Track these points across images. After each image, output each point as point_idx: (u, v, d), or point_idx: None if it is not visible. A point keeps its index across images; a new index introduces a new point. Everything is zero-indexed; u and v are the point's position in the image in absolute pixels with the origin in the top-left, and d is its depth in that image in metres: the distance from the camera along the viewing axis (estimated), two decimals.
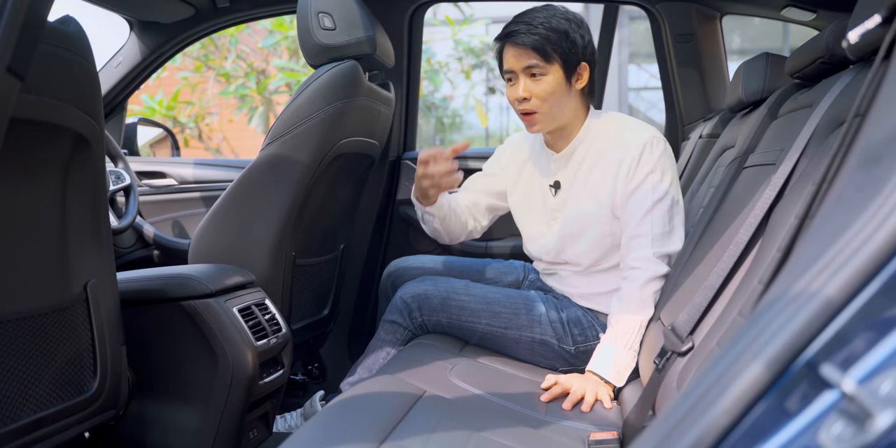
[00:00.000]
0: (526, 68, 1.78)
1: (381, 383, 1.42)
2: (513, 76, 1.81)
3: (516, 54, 1.78)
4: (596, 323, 1.85)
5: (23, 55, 0.83)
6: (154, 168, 2.77)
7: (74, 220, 1.33)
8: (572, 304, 1.88)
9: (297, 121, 1.84)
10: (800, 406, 0.58)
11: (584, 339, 1.83)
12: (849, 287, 0.59)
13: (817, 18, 2.14)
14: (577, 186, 1.85)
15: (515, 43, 1.77)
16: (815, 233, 0.76)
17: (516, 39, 1.77)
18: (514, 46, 1.78)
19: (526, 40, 1.76)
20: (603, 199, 1.80)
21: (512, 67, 1.80)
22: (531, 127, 1.84)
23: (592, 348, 1.80)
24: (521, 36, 1.76)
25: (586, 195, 1.83)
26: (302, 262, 2.01)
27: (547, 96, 1.78)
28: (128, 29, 2.62)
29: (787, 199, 1.22)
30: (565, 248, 1.87)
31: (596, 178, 1.82)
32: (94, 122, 1.28)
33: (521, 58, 1.78)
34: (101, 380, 1.39)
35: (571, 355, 1.83)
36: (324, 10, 1.91)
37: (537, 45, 1.75)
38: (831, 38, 1.33)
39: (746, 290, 1.17)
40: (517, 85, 1.80)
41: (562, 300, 1.90)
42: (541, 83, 1.78)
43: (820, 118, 1.23)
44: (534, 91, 1.78)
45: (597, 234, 1.82)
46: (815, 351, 0.60)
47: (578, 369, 1.83)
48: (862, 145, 0.78)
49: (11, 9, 0.78)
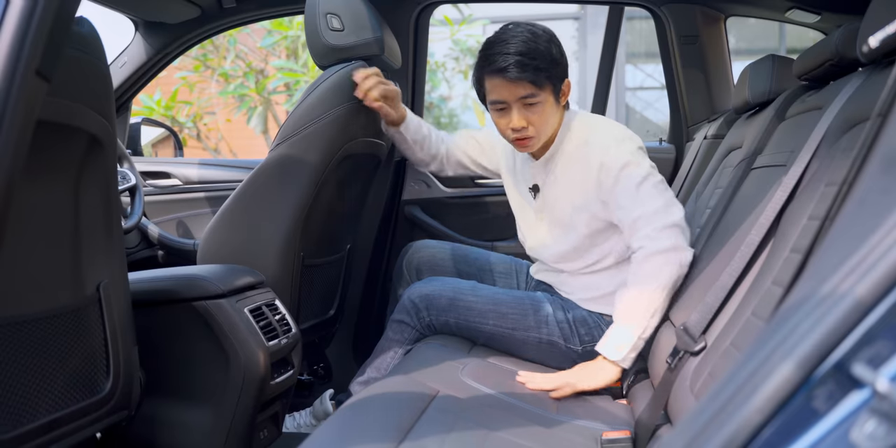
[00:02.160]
0: (521, 99, 1.75)
1: (394, 383, 1.43)
2: (505, 106, 1.78)
3: (509, 86, 1.74)
4: (602, 322, 1.86)
5: (50, 58, 0.84)
6: (158, 168, 2.78)
7: (87, 221, 1.33)
8: (577, 305, 1.90)
9: (306, 122, 1.84)
10: (830, 404, 0.59)
11: (590, 338, 1.84)
12: (879, 288, 0.60)
13: (821, 20, 2.15)
14: (555, 190, 1.87)
15: (508, 78, 1.73)
16: (839, 235, 0.77)
17: (509, 74, 1.72)
18: (506, 80, 1.74)
19: (518, 74, 1.72)
20: (578, 201, 1.81)
21: (505, 99, 1.76)
22: (525, 149, 1.85)
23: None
24: (514, 70, 1.72)
25: (563, 198, 1.86)
26: (310, 263, 2.01)
27: (542, 122, 1.78)
28: (133, 29, 2.62)
29: (798, 200, 1.23)
30: (555, 245, 1.90)
31: (570, 181, 1.83)
32: (107, 123, 1.29)
33: (514, 89, 1.74)
34: (114, 380, 1.39)
35: (578, 355, 1.84)
36: (332, 11, 1.92)
37: (531, 77, 1.72)
38: (840, 41, 1.35)
39: (759, 291, 1.18)
40: (510, 114, 1.78)
41: (567, 301, 1.91)
42: (535, 109, 1.76)
43: (831, 120, 1.24)
44: (530, 119, 1.77)
45: (576, 234, 1.84)
46: (845, 351, 0.61)
47: None
48: (884, 148, 0.79)
49: (41, 13, 0.79)
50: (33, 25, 0.78)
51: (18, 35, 0.76)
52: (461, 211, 2.63)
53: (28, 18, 0.78)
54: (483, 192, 2.62)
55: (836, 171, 1.09)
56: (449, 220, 2.63)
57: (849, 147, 1.11)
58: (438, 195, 2.63)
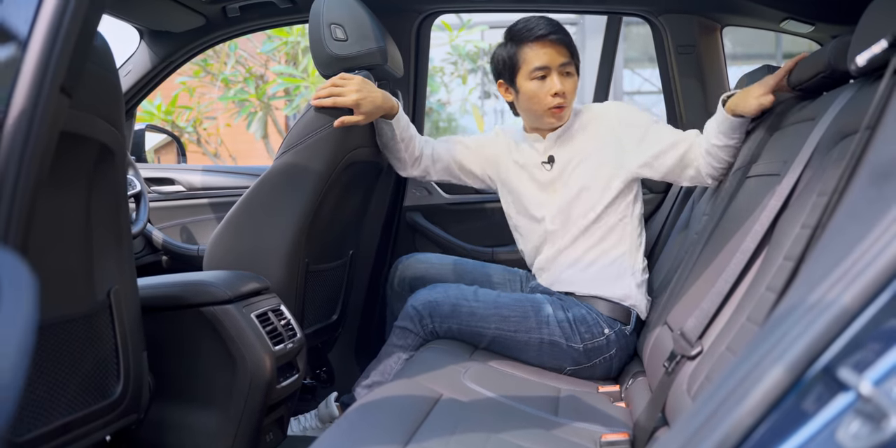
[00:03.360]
0: (561, 65, 1.96)
1: (399, 387, 1.46)
2: (546, 72, 1.96)
3: (553, 52, 1.95)
4: (601, 319, 1.90)
5: (73, 74, 0.88)
6: (162, 175, 2.81)
7: (98, 228, 1.37)
8: (576, 304, 1.94)
9: (311, 130, 1.88)
10: (818, 407, 0.63)
11: (590, 336, 1.88)
12: (864, 296, 0.64)
13: (815, 31, 2.19)
14: (575, 155, 2.03)
15: (554, 41, 1.94)
16: (828, 244, 0.80)
17: (554, 38, 1.94)
18: (553, 44, 1.95)
19: (562, 38, 1.95)
20: (599, 160, 2.00)
21: (548, 64, 1.95)
22: (559, 120, 2.03)
23: (599, 345, 1.88)
24: (557, 35, 1.94)
25: (586, 158, 2.01)
26: (314, 269, 2.05)
27: (573, 92, 1.99)
28: (138, 37, 2.65)
29: (791, 208, 1.27)
30: (571, 208, 2.01)
31: (588, 144, 2.02)
32: (117, 133, 1.32)
33: (557, 55, 1.96)
34: (124, 384, 1.42)
35: (580, 354, 1.88)
36: (336, 21, 1.95)
37: (568, 43, 1.95)
38: (832, 54, 1.38)
39: (754, 297, 1.22)
40: (551, 80, 1.96)
41: (566, 300, 1.95)
42: (570, 80, 1.99)
43: (824, 131, 1.28)
44: (567, 87, 1.97)
45: (600, 186, 1.99)
46: (832, 356, 0.64)
47: (584, 367, 1.90)
48: (872, 160, 0.83)
49: (65, 32, 0.82)
50: (58, 45, 0.82)
51: (44, 55, 0.80)
52: (462, 217, 2.67)
53: (53, 38, 0.81)
54: (484, 199, 2.65)
55: (828, 182, 1.13)
56: (450, 226, 2.66)
57: (840, 158, 1.14)
58: (440, 202, 2.67)
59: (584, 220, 2.00)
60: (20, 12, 0.81)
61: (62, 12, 0.82)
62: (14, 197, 0.80)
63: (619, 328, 1.92)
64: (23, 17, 0.81)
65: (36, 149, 0.83)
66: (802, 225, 1.15)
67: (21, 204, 0.82)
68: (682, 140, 1.95)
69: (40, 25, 0.81)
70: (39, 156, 0.83)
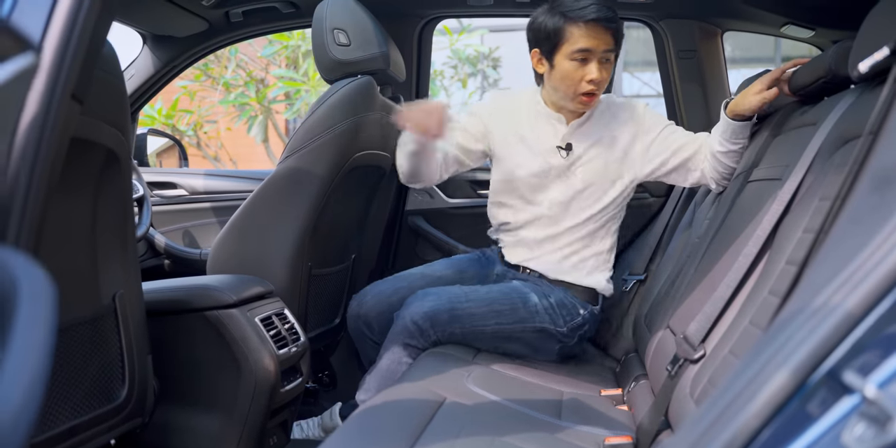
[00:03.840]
0: (605, 52, 1.90)
1: (403, 391, 1.47)
2: (587, 56, 1.89)
3: (600, 36, 1.87)
4: (577, 302, 2.01)
5: (84, 81, 0.88)
6: (165, 179, 2.82)
7: (104, 233, 1.37)
8: (551, 288, 2.00)
9: (314, 135, 1.89)
10: (823, 409, 0.64)
11: (570, 317, 1.98)
12: (867, 301, 0.65)
13: (816, 36, 2.21)
14: (591, 148, 2.01)
15: (606, 27, 1.87)
16: (831, 249, 0.81)
17: (607, 24, 1.87)
18: (603, 29, 1.87)
19: (612, 26, 1.88)
20: (614, 156, 2.00)
21: (593, 47, 1.88)
22: (588, 106, 1.99)
23: (579, 324, 1.98)
24: (608, 20, 1.87)
25: (599, 154, 2.01)
26: (317, 272, 2.06)
27: (608, 80, 1.95)
28: (140, 42, 2.66)
29: (793, 213, 1.28)
30: (572, 200, 2.01)
31: (609, 140, 2.01)
32: (123, 138, 1.33)
33: (603, 41, 1.88)
34: (129, 388, 1.43)
35: (564, 335, 1.98)
36: (339, 26, 1.97)
37: (617, 31, 1.89)
38: (833, 60, 1.39)
39: (756, 301, 1.22)
40: (590, 65, 1.90)
41: (542, 285, 2.01)
42: (607, 67, 1.93)
43: (825, 136, 1.29)
44: (603, 75, 1.91)
45: (605, 185, 2.01)
46: (836, 359, 0.65)
47: (568, 345, 2.00)
48: (874, 166, 0.84)
49: (77, 40, 0.83)
50: (70, 53, 0.83)
51: (56, 63, 0.81)
52: (463, 221, 2.67)
53: (65, 46, 0.82)
54: (484, 203, 2.65)
55: (830, 187, 1.14)
56: (451, 229, 2.67)
57: (842, 163, 1.15)
58: (441, 205, 2.68)
59: (583, 214, 2.02)
60: (32, 20, 0.82)
61: (73, 20, 0.83)
62: (26, 203, 0.81)
63: (590, 309, 2.04)
64: (35, 24, 0.82)
65: (47, 155, 0.84)
66: (804, 229, 1.15)
67: (33, 210, 0.83)
68: (689, 143, 1.98)
69: (52, 33, 0.82)
70: (51, 162, 0.84)
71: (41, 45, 0.80)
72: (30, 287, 0.51)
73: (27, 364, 0.46)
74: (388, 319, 2.00)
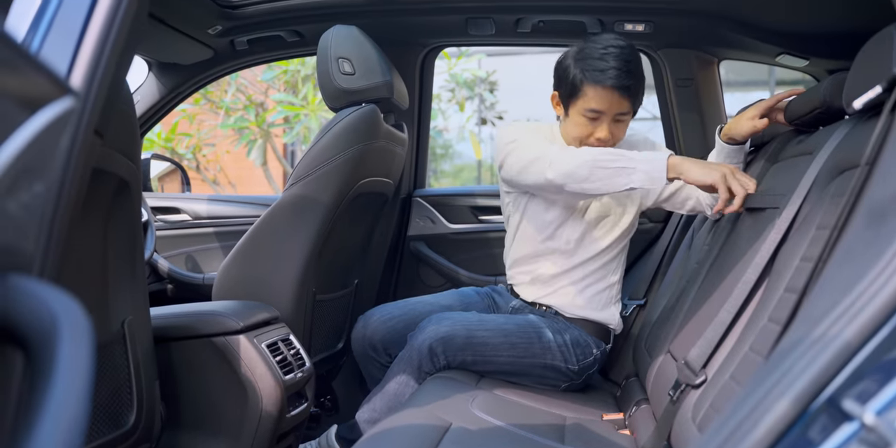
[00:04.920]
0: (618, 114, 1.91)
1: (409, 416, 1.48)
2: (599, 116, 1.90)
3: (615, 101, 1.88)
4: (590, 340, 2.01)
5: (105, 116, 0.92)
6: (168, 204, 2.85)
7: (114, 260, 1.40)
8: (567, 326, 2.01)
9: (320, 162, 1.92)
10: (823, 436, 0.66)
11: (584, 357, 1.99)
12: (865, 331, 0.68)
13: (810, 65, 2.25)
14: None
15: (618, 92, 1.86)
16: (829, 280, 0.84)
17: (620, 91, 1.86)
18: (618, 95, 1.87)
19: (628, 94, 1.87)
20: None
21: (604, 110, 1.89)
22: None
23: (590, 364, 1.99)
24: (625, 89, 1.86)
25: None
26: (321, 298, 2.08)
27: (622, 133, 1.96)
28: (146, 69, 2.71)
29: (791, 241, 1.31)
30: (588, 234, 2.03)
31: None
32: (134, 166, 1.36)
33: (617, 105, 1.89)
34: (137, 414, 1.44)
35: (574, 373, 1.98)
36: (343, 55, 2.01)
37: (633, 95, 1.88)
38: (828, 92, 1.43)
39: (756, 327, 1.25)
40: (600, 124, 1.91)
41: (558, 322, 2.02)
42: (621, 125, 1.94)
43: (821, 166, 1.32)
44: (615, 133, 1.93)
45: (615, 217, 2.04)
46: (836, 388, 0.68)
47: (575, 383, 2.01)
48: (870, 197, 0.87)
49: (101, 79, 0.87)
50: (93, 90, 0.86)
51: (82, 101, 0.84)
52: (465, 246, 2.70)
53: (90, 84, 0.85)
54: (487, 228, 2.69)
55: (826, 216, 1.17)
56: (453, 255, 2.69)
57: (837, 192, 1.18)
58: (443, 231, 2.70)
59: (596, 247, 2.05)
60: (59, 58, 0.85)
61: (98, 58, 0.86)
62: (51, 234, 0.84)
63: (603, 348, 2.04)
64: (61, 63, 0.85)
65: (72, 189, 0.87)
66: (802, 258, 1.18)
67: (57, 240, 0.85)
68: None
69: (77, 71, 0.85)
70: (74, 196, 0.87)
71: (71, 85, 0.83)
72: (70, 326, 0.53)
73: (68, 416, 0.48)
74: (392, 341, 2.03)
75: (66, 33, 0.86)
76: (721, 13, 2.16)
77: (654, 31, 2.34)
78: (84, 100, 0.85)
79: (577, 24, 2.34)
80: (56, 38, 0.86)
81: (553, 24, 2.36)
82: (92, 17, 0.87)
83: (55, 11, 0.87)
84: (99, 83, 0.87)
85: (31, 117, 0.57)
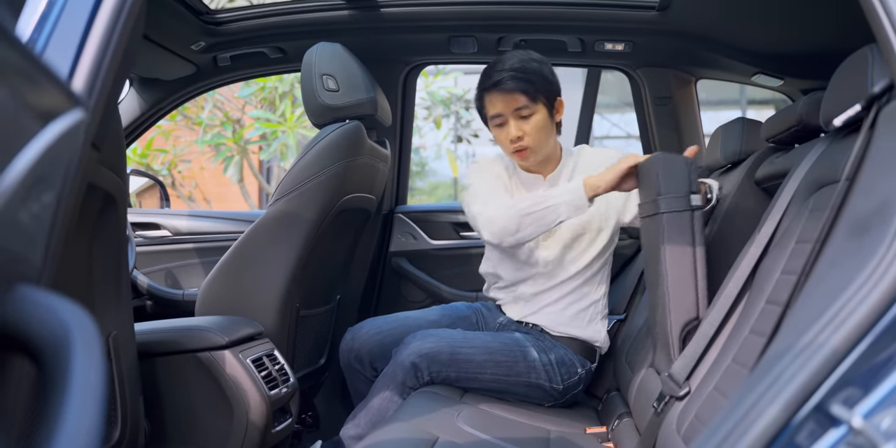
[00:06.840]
0: (515, 110, 1.96)
1: (396, 430, 1.49)
2: (502, 120, 1.98)
3: (505, 99, 1.96)
4: (575, 359, 2.01)
5: (102, 130, 0.92)
6: (148, 219, 2.83)
7: (100, 274, 1.39)
8: (553, 344, 2.02)
9: (303, 179, 1.93)
10: (812, 441, 0.68)
11: (568, 376, 1.99)
12: (852, 338, 0.70)
13: (784, 84, 2.31)
14: None
15: (503, 89, 1.94)
16: (812, 291, 0.87)
17: (503, 86, 1.94)
18: (502, 92, 1.96)
19: (513, 85, 1.94)
20: (595, 207, 1.95)
21: (501, 111, 1.97)
22: (524, 161, 2.04)
23: (574, 383, 2.00)
24: (508, 82, 1.94)
25: None
26: (305, 313, 2.08)
27: (536, 132, 1.98)
28: (127, 84, 2.70)
29: (771, 255, 1.34)
30: (566, 254, 2.04)
31: None
32: (120, 181, 1.36)
33: (509, 101, 1.96)
34: (121, 429, 1.43)
35: (559, 392, 1.99)
36: (328, 72, 2.02)
37: (524, 88, 1.94)
38: (805, 110, 1.48)
39: (738, 339, 1.28)
40: (508, 126, 1.98)
41: (544, 341, 2.02)
42: (530, 121, 1.97)
43: (799, 182, 1.36)
44: (525, 129, 1.97)
45: (591, 235, 2.05)
46: (823, 394, 0.70)
47: (559, 403, 2.02)
48: (851, 211, 0.90)
49: (98, 94, 0.88)
50: (92, 105, 0.87)
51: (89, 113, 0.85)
52: (447, 262, 2.71)
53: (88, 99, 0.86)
54: (468, 244, 2.71)
55: (806, 230, 1.20)
56: (435, 271, 2.70)
57: (816, 207, 1.22)
58: (425, 247, 2.72)
59: (575, 266, 2.06)
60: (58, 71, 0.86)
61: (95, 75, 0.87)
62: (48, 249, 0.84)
63: (588, 367, 2.05)
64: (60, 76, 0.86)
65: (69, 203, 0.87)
66: (783, 271, 1.21)
67: (53, 255, 0.85)
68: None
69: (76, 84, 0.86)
70: (71, 209, 0.87)
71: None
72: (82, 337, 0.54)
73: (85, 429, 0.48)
74: (379, 355, 2.04)
75: (64, 46, 0.87)
76: (700, 34, 2.22)
77: (634, 51, 2.39)
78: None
79: (558, 42, 2.38)
80: (55, 50, 0.87)
81: (534, 43, 2.40)
82: (90, 33, 0.88)
83: (54, 24, 0.88)
84: (97, 97, 0.88)
85: (44, 128, 0.58)
